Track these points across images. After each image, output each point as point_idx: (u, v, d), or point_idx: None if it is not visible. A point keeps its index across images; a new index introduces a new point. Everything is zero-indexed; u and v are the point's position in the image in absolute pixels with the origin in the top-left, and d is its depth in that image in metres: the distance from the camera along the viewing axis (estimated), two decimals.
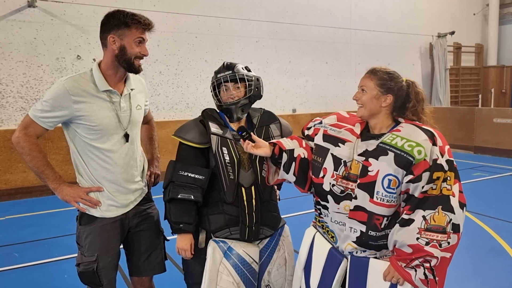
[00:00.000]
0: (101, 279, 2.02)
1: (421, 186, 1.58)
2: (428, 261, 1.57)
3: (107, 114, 1.98)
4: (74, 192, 1.97)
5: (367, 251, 1.72)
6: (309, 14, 8.89)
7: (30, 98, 6.26)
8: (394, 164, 1.60)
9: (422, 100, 1.76)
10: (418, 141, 1.61)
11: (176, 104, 7.53)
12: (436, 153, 1.59)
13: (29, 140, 1.94)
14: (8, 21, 6.07)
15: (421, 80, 11.03)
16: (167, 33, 7.32)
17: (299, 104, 8.92)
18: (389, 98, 1.71)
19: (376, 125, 1.75)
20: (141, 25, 1.94)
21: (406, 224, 1.60)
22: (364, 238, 1.69)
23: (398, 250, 1.62)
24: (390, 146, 1.63)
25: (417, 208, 1.59)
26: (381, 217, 1.65)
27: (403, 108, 1.75)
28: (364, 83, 1.75)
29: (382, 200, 1.63)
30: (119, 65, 1.97)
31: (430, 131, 1.65)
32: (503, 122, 9.00)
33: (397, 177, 1.61)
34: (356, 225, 1.69)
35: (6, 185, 6.05)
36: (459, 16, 11.55)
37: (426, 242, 1.57)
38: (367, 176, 1.65)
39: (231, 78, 2.04)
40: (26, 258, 3.87)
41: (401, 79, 1.75)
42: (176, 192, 1.97)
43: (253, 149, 1.84)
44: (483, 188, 6.40)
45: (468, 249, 3.94)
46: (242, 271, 2.00)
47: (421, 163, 1.57)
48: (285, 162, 1.84)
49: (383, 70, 1.75)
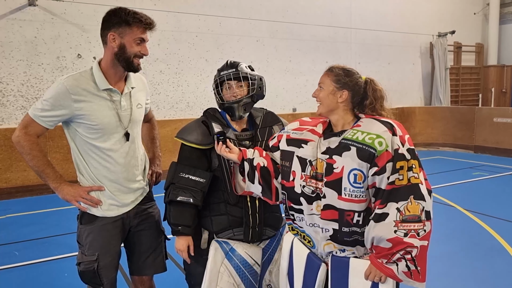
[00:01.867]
0: (102, 278, 2.02)
1: (387, 177, 1.60)
2: (409, 252, 1.58)
3: (107, 113, 1.97)
4: (75, 192, 1.97)
5: (346, 251, 1.72)
6: (309, 13, 8.88)
7: (30, 97, 6.26)
8: (357, 158, 1.63)
9: (381, 98, 1.78)
10: (378, 133, 1.63)
11: (176, 103, 7.53)
12: (396, 143, 1.61)
13: (29, 139, 1.94)
14: (9, 20, 6.07)
15: (421, 80, 11.03)
16: (168, 32, 7.31)
17: (299, 103, 8.91)
18: (344, 94, 1.73)
19: (337, 122, 1.77)
20: (142, 24, 1.93)
21: (380, 219, 1.61)
22: (339, 235, 1.69)
23: (377, 247, 1.62)
24: (351, 141, 1.66)
25: (388, 201, 1.60)
26: (351, 213, 1.66)
27: (361, 105, 1.78)
28: (321, 80, 1.79)
29: (351, 195, 1.65)
30: (118, 63, 1.96)
31: (389, 122, 1.68)
32: (503, 121, 9.00)
33: (361, 171, 1.63)
34: (328, 224, 1.70)
35: (7, 183, 6.05)
36: (459, 15, 11.53)
37: (404, 233, 1.58)
38: (333, 173, 1.67)
39: (234, 77, 2.02)
40: (26, 257, 3.88)
41: (358, 75, 1.77)
42: (176, 195, 1.96)
43: (225, 152, 1.92)
44: (483, 187, 6.41)
45: (468, 248, 3.95)
46: (244, 273, 1.99)
47: (384, 154, 1.59)
48: (248, 171, 1.90)
49: (340, 67, 1.78)
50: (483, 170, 7.49)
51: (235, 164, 1.97)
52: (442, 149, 9.90)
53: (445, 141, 10.05)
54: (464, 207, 5.23)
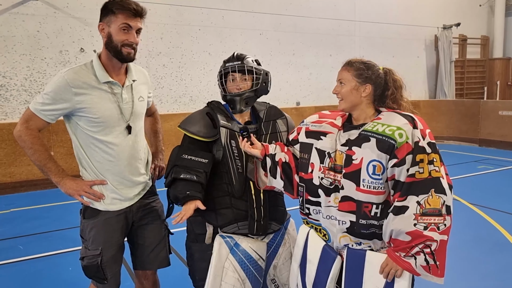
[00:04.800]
0: (105, 272, 2.01)
1: (406, 169, 1.58)
2: (429, 246, 1.56)
3: (108, 106, 1.96)
4: (77, 186, 1.96)
5: (362, 244, 1.71)
6: (312, 6, 8.82)
7: (34, 91, 6.26)
8: (376, 150, 1.62)
9: (400, 87, 1.78)
10: (398, 125, 1.63)
11: (179, 97, 7.51)
12: (417, 135, 1.60)
13: (31, 133, 1.93)
14: (11, 14, 6.05)
15: (426, 72, 10.95)
16: (170, 25, 7.28)
17: (302, 97, 8.88)
18: (368, 88, 1.72)
19: (359, 116, 1.76)
20: (125, 10, 1.90)
21: (400, 211, 1.59)
22: (356, 228, 1.68)
23: (396, 240, 1.61)
24: (371, 133, 1.65)
25: (408, 194, 1.59)
26: (369, 205, 1.65)
27: (383, 96, 1.76)
28: (341, 76, 1.76)
29: (369, 187, 1.64)
30: (109, 53, 1.95)
31: (410, 116, 1.67)
32: (508, 114, 8.94)
33: (381, 162, 1.62)
34: (346, 217, 1.69)
35: (11, 178, 6.07)
36: (464, 7, 11.42)
37: (424, 226, 1.56)
38: (352, 165, 1.66)
39: (239, 69, 2.00)
40: (30, 251, 3.89)
41: (377, 67, 1.76)
42: (179, 172, 1.92)
43: (249, 148, 1.92)
44: (488, 181, 6.37)
45: (473, 242, 3.93)
46: (248, 268, 1.98)
47: (404, 146, 1.58)
48: (270, 166, 1.91)
49: (359, 60, 1.76)
50: (488, 164, 7.45)
51: (258, 159, 1.97)
52: (447, 143, 9.85)
53: (450, 134, 9.99)
54: (469, 201, 5.20)
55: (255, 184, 1.99)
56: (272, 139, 2.06)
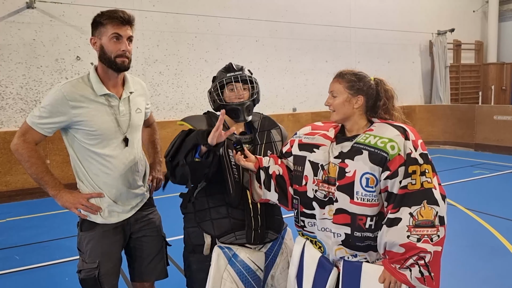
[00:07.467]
0: (103, 285, 2.00)
1: (399, 182, 1.59)
2: (423, 258, 1.57)
3: (105, 119, 1.96)
4: (74, 199, 1.95)
5: (357, 256, 1.71)
6: (309, 12, 8.86)
7: (30, 99, 6.24)
8: (369, 162, 1.62)
9: (392, 97, 1.79)
10: (390, 137, 1.63)
11: (176, 104, 7.51)
12: (409, 147, 1.61)
13: (28, 147, 1.92)
14: (7, 23, 6.05)
15: (421, 78, 11.01)
16: (167, 33, 7.29)
17: (299, 103, 8.89)
18: (360, 99, 1.73)
19: (352, 127, 1.77)
20: (113, 20, 1.91)
21: (393, 223, 1.59)
22: (351, 240, 1.68)
23: (390, 252, 1.61)
24: (364, 145, 1.66)
25: (401, 205, 1.59)
26: (364, 217, 1.65)
27: (375, 106, 1.77)
28: (333, 88, 1.77)
29: (363, 200, 1.64)
30: (104, 65, 1.96)
31: (402, 127, 1.67)
32: (503, 119, 8.99)
33: (374, 174, 1.62)
34: (340, 229, 1.69)
35: (7, 187, 6.04)
36: (458, 13, 11.51)
37: (417, 238, 1.56)
38: (345, 177, 1.67)
39: (242, 79, 2.03)
40: (27, 261, 3.86)
41: (369, 78, 1.77)
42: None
43: (242, 161, 1.90)
44: (484, 185, 6.40)
45: (470, 247, 3.94)
46: (247, 279, 1.98)
47: (396, 158, 1.59)
48: (264, 179, 1.91)
49: (350, 72, 1.77)
50: (484, 168, 7.48)
51: (252, 172, 1.97)
52: (442, 147, 9.89)
53: (445, 139, 10.03)
54: (465, 206, 5.22)
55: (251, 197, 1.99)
56: (267, 149, 2.07)
